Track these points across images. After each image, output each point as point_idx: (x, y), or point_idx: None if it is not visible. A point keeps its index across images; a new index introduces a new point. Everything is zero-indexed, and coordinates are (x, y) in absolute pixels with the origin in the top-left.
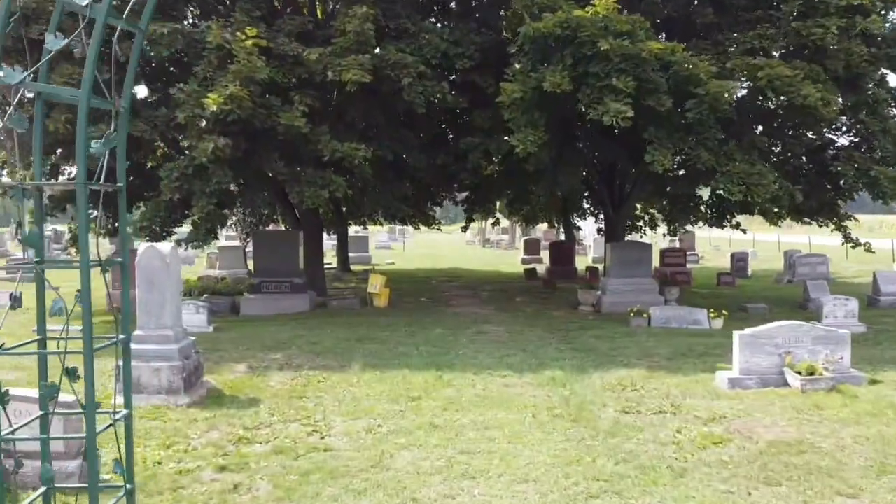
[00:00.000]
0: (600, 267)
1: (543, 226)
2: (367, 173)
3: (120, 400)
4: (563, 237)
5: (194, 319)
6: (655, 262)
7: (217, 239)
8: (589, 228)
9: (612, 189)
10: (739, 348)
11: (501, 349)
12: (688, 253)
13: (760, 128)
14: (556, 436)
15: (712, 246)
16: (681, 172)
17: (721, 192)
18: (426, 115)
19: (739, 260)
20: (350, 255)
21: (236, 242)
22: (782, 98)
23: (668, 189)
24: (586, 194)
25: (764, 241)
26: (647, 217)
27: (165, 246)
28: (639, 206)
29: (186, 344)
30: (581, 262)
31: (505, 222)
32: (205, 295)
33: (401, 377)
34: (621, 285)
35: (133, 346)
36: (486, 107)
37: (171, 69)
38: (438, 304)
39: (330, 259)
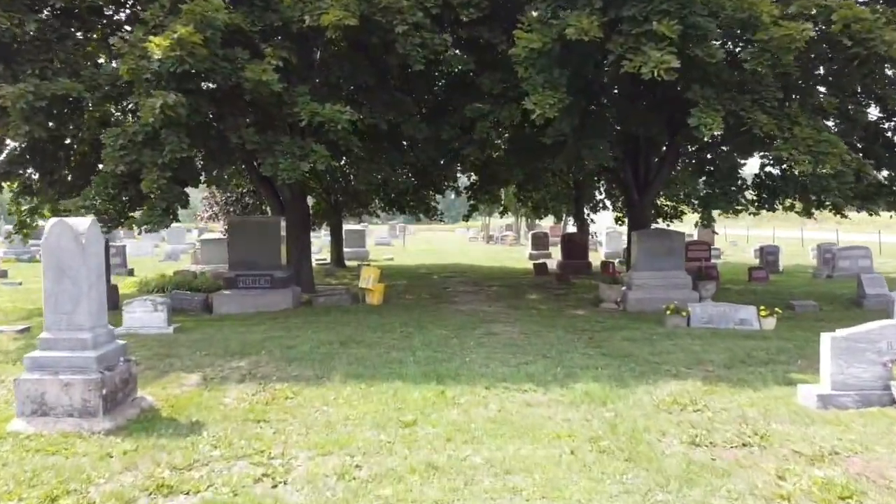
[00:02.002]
0: (616, 261)
1: (549, 221)
2: (355, 144)
3: None
4: (569, 231)
5: (152, 318)
6: None
7: (177, 221)
8: (601, 222)
9: (637, 169)
10: (831, 355)
11: (517, 354)
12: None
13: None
14: (610, 485)
15: (729, 242)
16: (721, 150)
17: (770, 168)
18: (425, 76)
19: (769, 254)
20: (346, 250)
21: (218, 235)
22: (859, 48)
23: (709, 165)
24: (601, 183)
25: (783, 238)
26: (668, 207)
27: (81, 221)
28: (661, 195)
29: (111, 350)
30: (592, 258)
31: (509, 218)
32: (173, 291)
33: (391, 393)
34: (649, 279)
35: (37, 353)
36: (495, 69)
37: (119, 17)
38: (440, 301)
39: (325, 255)
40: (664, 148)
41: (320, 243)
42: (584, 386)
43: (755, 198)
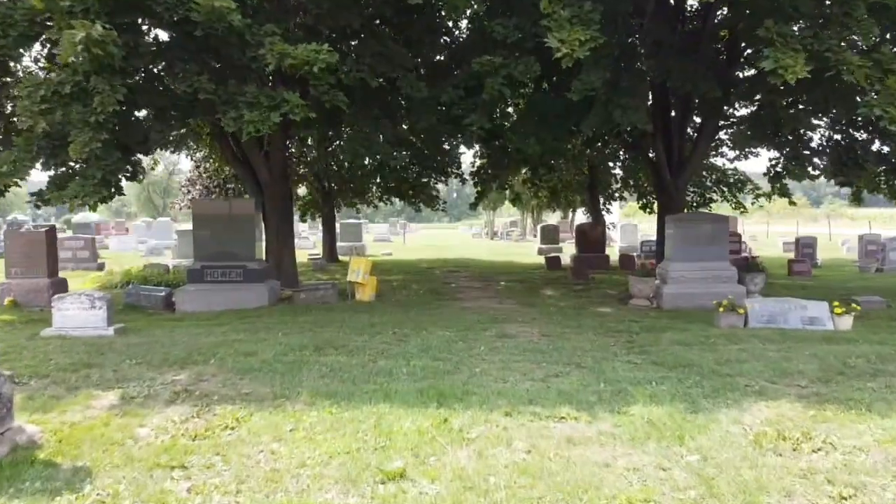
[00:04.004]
0: (634, 255)
1: (554, 219)
2: (340, 99)
3: None
4: (580, 223)
5: (88, 317)
6: None
7: (120, 194)
8: (613, 216)
9: (671, 143)
10: None
11: (543, 364)
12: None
13: None
14: None
15: (749, 237)
16: (793, 109)
17: (837, 135)
18: (424, 22)
19: (806, 246)
20: (340, 244)
21: None
22: None
23: (772, 128)
24: (617, 164)
25: (805, 234)
26: (694, 192)
27: None
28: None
29: None
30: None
31: (513, 216)
32: (130, 285)
33: (373, 421)
34: (688, 272)
35: None
36: (509, 13)
37: None
38: (442, 297)
39: (321, 251)
40: (699, 117)
41: (316, 239)
42: (643, 410)
43: (834, 170)
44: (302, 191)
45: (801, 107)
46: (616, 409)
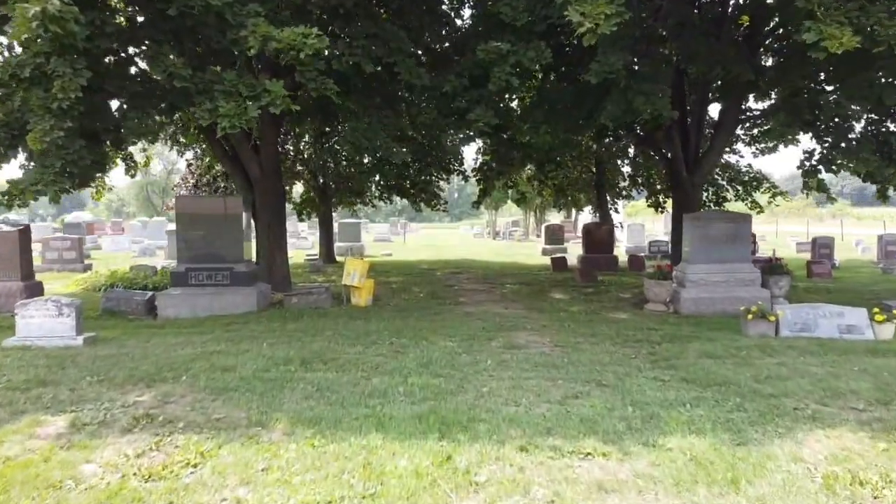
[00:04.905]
0: (644, 256)
1: (557, 219)
2: (331, 87)
3: None
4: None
5: (55, 326)
6: None
7: (87, 185)
8: (621, 216)
9: (688, 136)
10: None
11: (559, 381)
12: None
13: None
14: None
15: (758, 237)
16: (832, 95)
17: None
18: (422, 9)
19: (823, 246)
20: (339, 244)
21: None
22: None
23: (807, 116)
24: (625, 161)
25: (815, 234)
26: (712, 190)
27: None
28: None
29: None
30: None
31: (514, 216)
32: (111, 289)
33: (362, 457)
34: (708, 274)
35: None
36: None
37: None
38: (443, 301)
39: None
40: (721, 105)
41: (315, 239)
42: (682, 443)
43: (866, 164)
44: (300, 189)
45: (836, 94)
46: (650, 440)
